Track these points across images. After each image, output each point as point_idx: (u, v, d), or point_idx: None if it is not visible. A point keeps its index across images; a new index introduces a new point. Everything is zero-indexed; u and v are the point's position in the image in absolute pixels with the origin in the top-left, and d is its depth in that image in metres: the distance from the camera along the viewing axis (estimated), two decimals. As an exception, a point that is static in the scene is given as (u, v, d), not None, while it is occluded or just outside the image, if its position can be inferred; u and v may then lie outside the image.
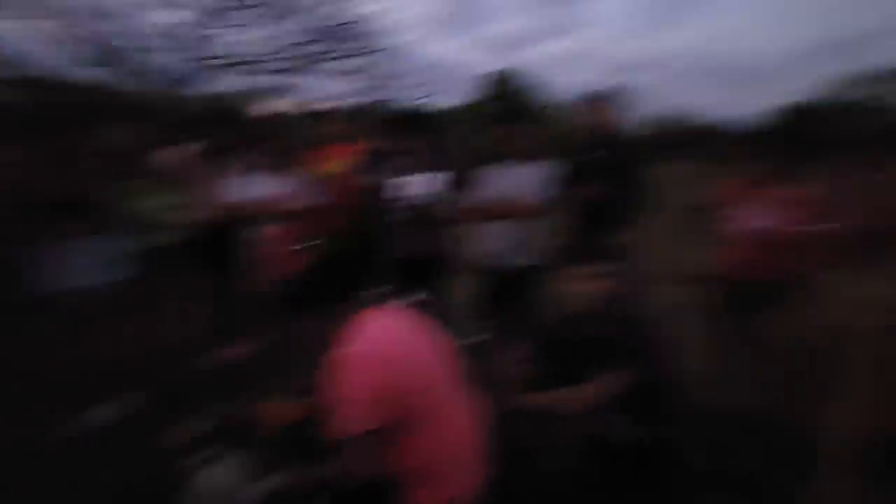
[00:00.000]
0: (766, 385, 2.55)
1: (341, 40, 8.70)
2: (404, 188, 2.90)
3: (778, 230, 2.42)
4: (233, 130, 4.32)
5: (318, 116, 3.85)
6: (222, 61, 8.33)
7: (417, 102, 9.92)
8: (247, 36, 8.37)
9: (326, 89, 8.97)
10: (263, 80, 8.90)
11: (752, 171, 2.47)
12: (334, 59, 8.78)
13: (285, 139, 4.71)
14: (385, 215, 3.03)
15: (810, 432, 2.23)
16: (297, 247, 3.02)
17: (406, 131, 2.88)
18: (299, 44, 8.67)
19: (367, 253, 3.26)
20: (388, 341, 1.34)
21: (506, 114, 3.26)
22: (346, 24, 8.62)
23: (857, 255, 2.29)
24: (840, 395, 2.03)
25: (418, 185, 2.87)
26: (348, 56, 8.82)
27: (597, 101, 2.89)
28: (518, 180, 2.70)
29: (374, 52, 9.04)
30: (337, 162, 3.51)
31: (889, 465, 1.56)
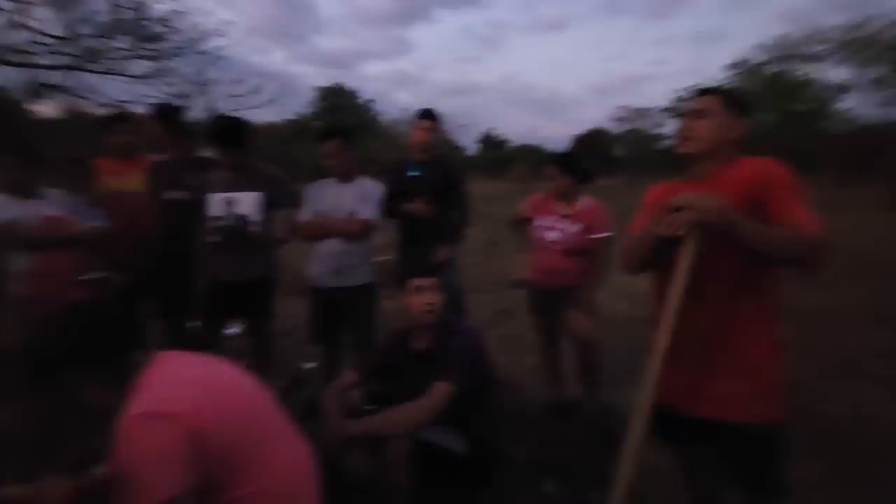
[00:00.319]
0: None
1: (142, 38, 7.57)
2: (218, 206, 2.60)
3: (566, 240, 2.69)
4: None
5: (110, 122, 3.22)
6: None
7: (235, 113, 9.17)
8: (17, 19, 6.77)
9: (122, 92, 7.70)
10: (38, 76, 7.29)
11: (551, 187, 2.77)
12: (132, 57, 7.60)
13: (66, 147, 3.91)
14: (194, 237, 2.68)
15: (614, 412, 2.59)
16: (75, 280, 2.48)
17: (221, 143, 2.55)
18: (86, 35, 7.30)
19: (168, 284, 2.85)
20: (183, 392, 1.14)
21: (333, 129, 3.12)
22: (148, 19, 7.53)
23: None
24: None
25: (235, 202, 2.59)
26: (152, 56, 7.70)
27: (422, 120, 2.95)
28: (344, 197, 2.61)
29: (184, 54, 8.08)
30: (132, 177, 3.01)
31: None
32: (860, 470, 2.23)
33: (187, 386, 1.16)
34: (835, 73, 18.06)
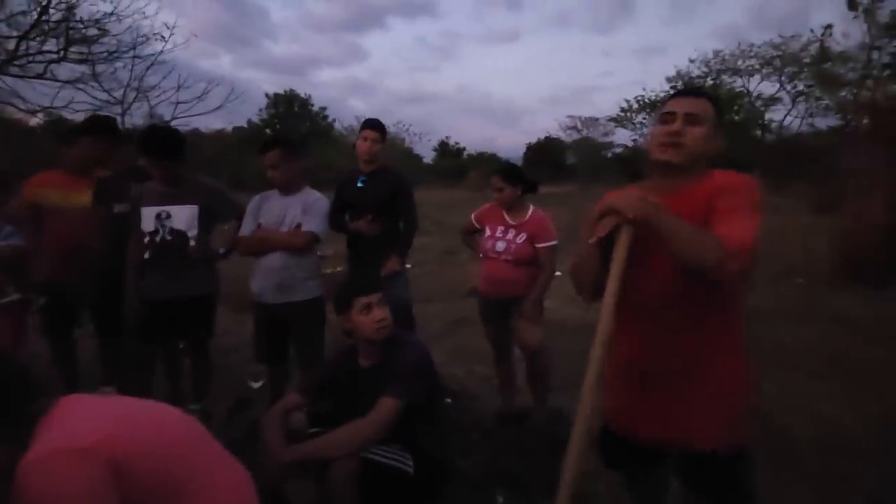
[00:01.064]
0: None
1: (72, 40, 7.10)
2: (150, 220, 2.45)
3: (513, 251, 2.65)
4: None
5: (73, 135, 2.96)
6: None
7: (175, 121, 8.78)
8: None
9: (49, 97, 7.18)
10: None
11: (497, 198, 2.75)
12: (61, 61, 7.10)
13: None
14: (127, 254, 2.52)
15: (565, 419, 2.61)
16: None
17: (152, 155, 2.41)
18: (9, 37, 6.77)
19: (101, 302, 2.67)
20: (94, 425, 1.06)
21: (273, 139, 3.00)
22: (78, 21, 7.07)
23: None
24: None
25: (169, 216, 2.45)
26: (82, 60, 7.23)
27: (367, 130, 2.90)
28: (288, 209, 2.52)
29: (120, 58, 7.64)
30: (79, 192, 2.79)
31: None
32: (792, 461, 2.35)
33: (97, 419, 1.08)
34: (763, 86, 19.33)
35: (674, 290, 1.27)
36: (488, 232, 2.76)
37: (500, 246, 2.69)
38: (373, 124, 2.93)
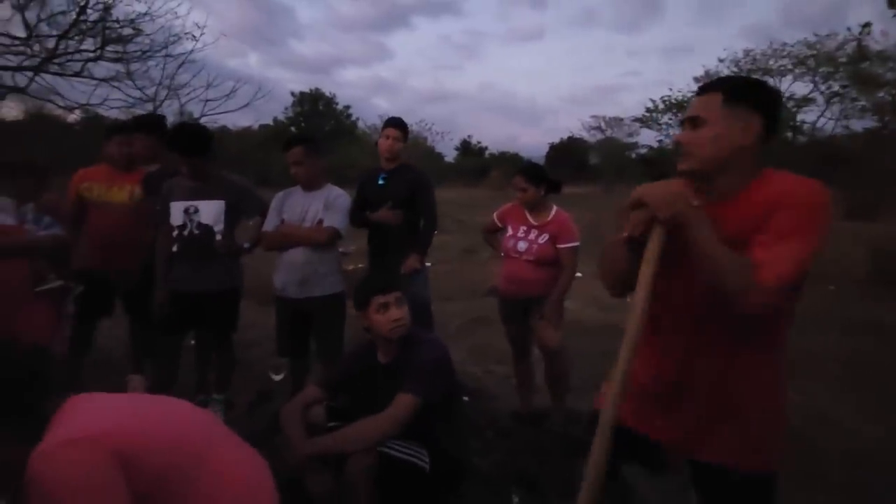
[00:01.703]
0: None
1: (108, 40, 7.33)
2: (178, 215, 2.52)
3: (534, 251, 2.62)
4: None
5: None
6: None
7: (203, 119, 8.97)
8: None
9: (87, 95, 7.44)
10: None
11: (520, 198, 2.73)
12: (97, 59, 7.34)
13: (18, 152, 3.75)
14: (156, 247, 2.60)
15: (583, 420, 2.59)
16: (31, 291, 2.37)
17: (180, 151, 2.47)
18: (49, 36, 7.04)
19: (134, 292, 2.76)
20: (103, 415, 1.09)
21: (296, 137, 3.05)
22: (114, 20, 7.29)
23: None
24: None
25: (197, 211, 2.52)
26: (117, 59, 7.46)
27: (389, 128, 2.93)
28: (310, 205, 2.56)
29: (153, 57, 7.86)
30: (101, 183, 2.90)
31: None
32: (817, 471, 2.29)
33: (106, 413, 1.10)
34: (796, 86, 18.74)
35: (711, 302, 1.12)
36: (510, 231, 2.76)
37: (522, 246, 2.68)
38: (395, 122, 2.96)
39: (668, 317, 1.21)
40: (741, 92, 1.14)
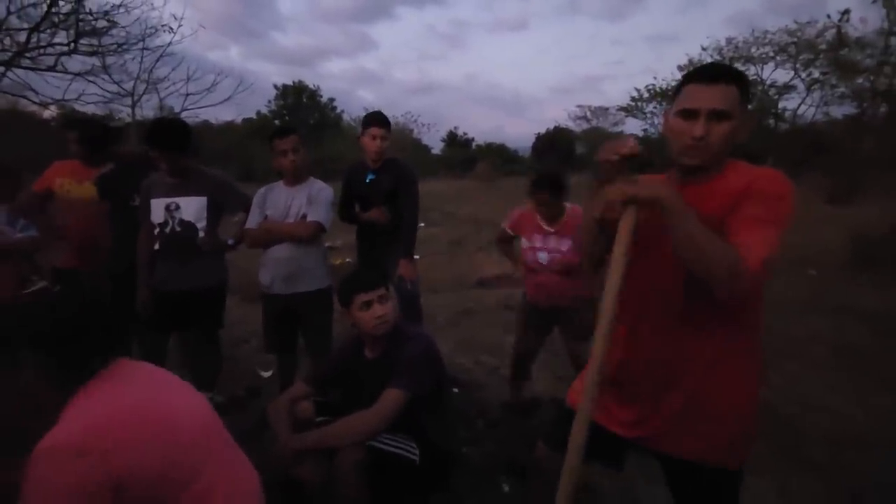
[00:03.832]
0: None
1: (82, 32, 7.13)
2: (159, 212, 2.48)
3: (558, 261, 2.47)
4: None
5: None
6: None
7: (184, 113, 8.82)
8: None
9: (61, 90, 7.25)
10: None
11: (542, 211, 2.53)
12: (71, 53, 7.15)
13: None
14: (137, 246, 2.55)
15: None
16: (10, 294, 2.33)
17: (159, 147, 2.42)
18: (20, 29, 6.82)
19: (110, 295, 2.71)
20: (112, 424, 1.06)
21: (289, 126, 2.97)
22: (88, 13, 7.09)
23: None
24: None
25: (178, 208, 2.47)
26: (92, 52, 7.27)
27: (372, 128, 2.82)
28: (294, 200, 2.52)
29: (129, 50, 7.68)
30: (67, 181, 2.85)
31: None
32: (800, 453, 2.34)
33: (119, 419, 1.06)
34: (778, 74, 18.91)
35: (679, 291, 1.14)
36: (526, 243, 2.60)
37: (543, 257, 2.52)
38: (378, 120, 2.84)
39: (634, 304, 1.20)
40: (749, 89, 1.14)
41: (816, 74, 16.90)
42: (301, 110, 33.76)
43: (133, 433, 1.05)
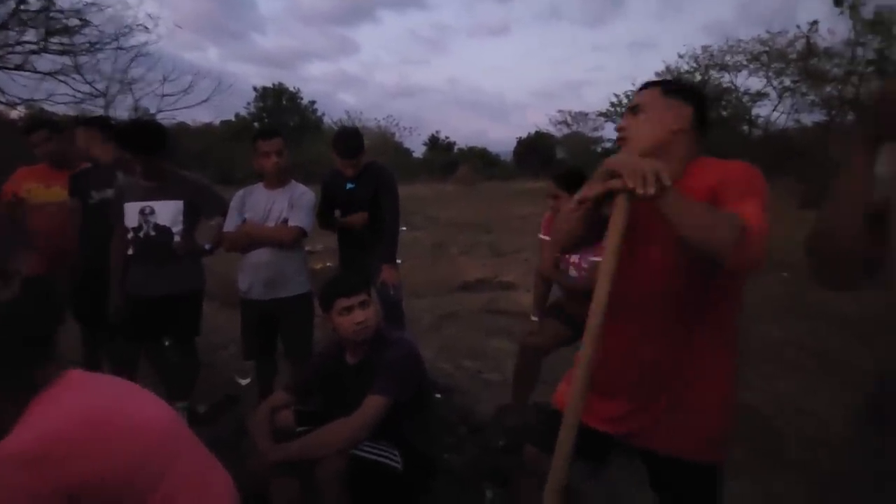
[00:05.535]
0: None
1: (52, 31, 6.92)
2: (133, 216, 2.41)
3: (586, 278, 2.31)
4: None
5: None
6: None
7: (160, 115, 8.64)
8: None
9: (30, 90, 7.01)
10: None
11: (556, 205, 2.43)
12: (40, 52, 6.93)
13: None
14: (110, 249, 2.47)
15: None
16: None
17: (132, 149, 2.35)
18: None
19: (85, 297, 2.62)
20: (64, 429, 1.02)
21: (273, 131, 2.89)
22: (58, 11, 6.88)
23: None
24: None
25: (153, 212, 2.41)
26: (62, 51, 7.06)
27: (346, 160, 2.76)
28: (274, 204, 2.48)
29: (102, 49, 7.47)
30: (34, 186, 2.75)
31: None
32: (781, 455, 2.38)
33: (73, 426, 1.04)
34: (751, 81, 19.43)
35: (664, 288, 1.17)
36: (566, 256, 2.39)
37: (573, 273, 2.36)
38: (350, 151, 2.74)
39: (621, 303, 1.18)
40: (675, 87, 1.29)
41: (788, 83, 17.40)
42: (281, 113, 33.40)
43: (88, 440, 1.02)
